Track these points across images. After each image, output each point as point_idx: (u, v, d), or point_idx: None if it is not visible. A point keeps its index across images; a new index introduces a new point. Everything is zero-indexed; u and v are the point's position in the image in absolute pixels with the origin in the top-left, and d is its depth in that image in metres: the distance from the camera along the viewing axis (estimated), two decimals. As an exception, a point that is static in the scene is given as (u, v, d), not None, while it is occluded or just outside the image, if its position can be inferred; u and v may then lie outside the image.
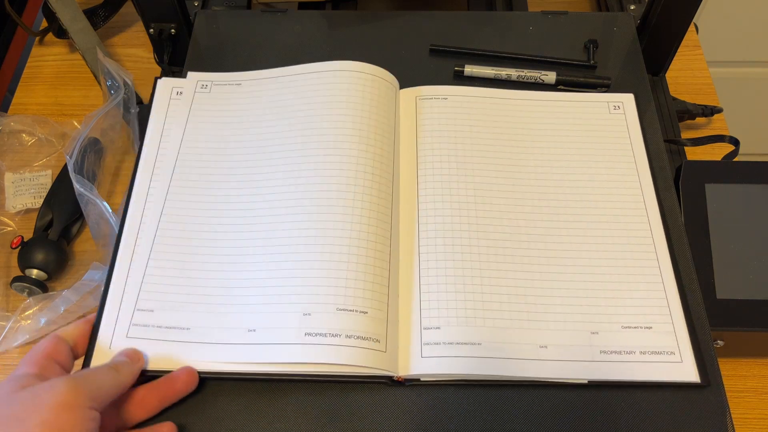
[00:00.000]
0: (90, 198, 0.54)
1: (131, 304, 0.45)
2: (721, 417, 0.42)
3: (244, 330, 0.43)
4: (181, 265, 0.47)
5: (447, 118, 0.54)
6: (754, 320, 0.49)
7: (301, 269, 0.45)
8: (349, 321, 0.43)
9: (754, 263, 0.50)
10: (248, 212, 0.49)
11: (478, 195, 0.50)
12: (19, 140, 0.67)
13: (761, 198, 0.52)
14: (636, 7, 0.69)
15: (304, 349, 0.42)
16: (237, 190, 0.50)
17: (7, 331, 0.53)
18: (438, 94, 0.56)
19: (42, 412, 0.35)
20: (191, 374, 0.42)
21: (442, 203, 0.50)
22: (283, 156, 0.51)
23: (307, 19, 0.63)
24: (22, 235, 0.59)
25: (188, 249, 0.47)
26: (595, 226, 0.49)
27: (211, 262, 0.47)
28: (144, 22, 0.64)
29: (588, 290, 0.46)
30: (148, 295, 0.45)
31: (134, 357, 0.42)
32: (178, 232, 0.48)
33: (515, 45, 0.61)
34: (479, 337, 0.44)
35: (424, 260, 0.47)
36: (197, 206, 0.49)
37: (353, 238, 0.46)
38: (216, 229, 0.48)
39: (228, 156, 0.52)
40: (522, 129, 0.54)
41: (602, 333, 0.44)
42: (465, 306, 0.45)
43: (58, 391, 0.36)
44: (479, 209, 0.49)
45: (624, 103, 0.56)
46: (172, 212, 0.49)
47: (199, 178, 0.51)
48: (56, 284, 0.58)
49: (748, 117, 1.21)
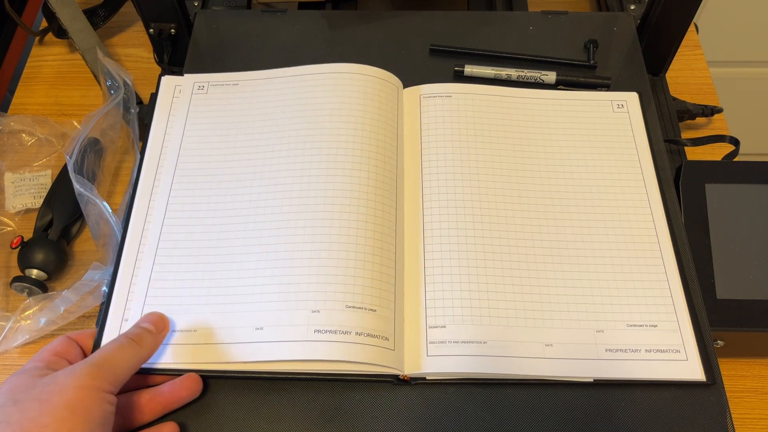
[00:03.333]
0: (90, 198, 0.54)
1: (139, 306, 0.45)
2: (721, 417, 0.42)
3: (251, 328, 0.43)
4: (186, 267, 0.47)
5: (451, 116, 0.54)
6: (754, 320, 0.49)
7: (309, 267, 0.45)
8: (359, 318, 0.43)
9: (754, 263, 0.50)
10: (253, 212, 0.49)
11: (483, 193, 0.50)
12: (19, 140, 0.67)
13: (761, 198, 0.52)
14: (636, 7, 0.69)
15: (314, 346, 0.42)
16: (242, 190, 0.50)
17: (7, 331, 0.53)
18: (441, 92, 0.56)
19: (65, 393, 0.36)
20: (196, 381, 0.42)
21: (447, 201, 0.50)
22: (287, 156, 0.51)
23: (307, 19, 0.63)
24: (22, 235, 0.59)
25: (193, 250, 0.47)
26: (599, 225, 0.49)
27: (217, 262, 0.47)
28: (144, 22, 0.64)
29: (593, 288, 0.46)
30: (154, 300, 0.45)
31: (159, 325, 0.42)
32: (183, 234, 0.48)
33: (515, 45, 0.61)
34: (485, 335, 0.44)
35: (430, 258, 0.47)
36: (201, 207, 0.49)
37: (359, 237, 0.46)
38: (221, 230, 0.48)
39: (231, 156, 0.52)
40: (526, 127, 0.54)
41: (608, 331, 0.44)
42: (471, 304, 0.45)
43: (79, 374, 0.37)
44: (484, 208, 0.49)
45: (628, 102, 0.56)
46: (176, 212, 0.49)
47: (202, 179, 0.51)
48: (56, 284, 0.58)
49: (748, 117, 1.21)
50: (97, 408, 0.36)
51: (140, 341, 0.40)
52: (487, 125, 0.54)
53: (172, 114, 0.54)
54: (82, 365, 0.37)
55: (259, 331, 0.43)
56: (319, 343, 0.42)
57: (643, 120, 0.55)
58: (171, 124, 0.54)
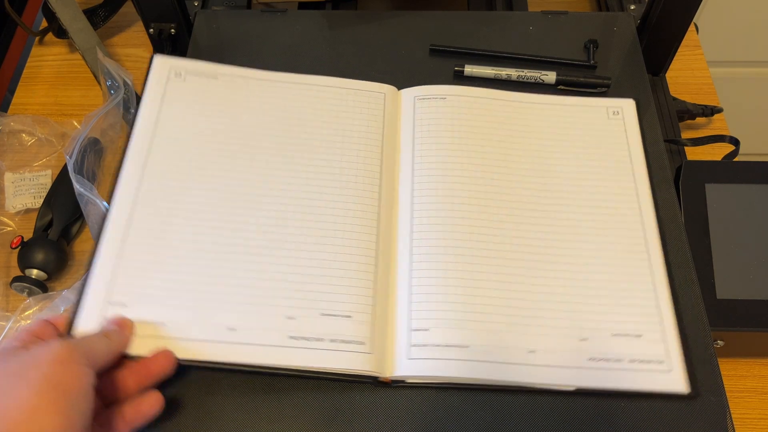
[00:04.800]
0: (90, 198, 0.54)
1: (104, 297, 0.44)
2: (722, 417, 0.42)
3: (224, 327, 0.43)
4: (157, 259, 0.46)
5: (445, 118, 0.54)
6: (754, 320, 0.49)
7: (284, 273, 0.45)
8: (333, 325, 0.43)
9: (754, 263, 0.50)
10: (231, 211, 0.48)
11: (471, 197, 0.50)
12: (19, 140, 0.67)
13: (761, 198, 0.52)
14: (636, 7, 0.69)
15: (288, 352, 0.43)
16: (221, 188, 0.49)
17: (7, 331, 0.53)
18: (436, 93, 0.55)
19: (41, 367, 0.35)
20: (168, 357, 0.42)
21: (436, 204, 0.49)
22: (265, 159, 0.51)
23: (307, 19, 0.63)
24: (22, 235, 0.59)
25: (166, 242, 0.46)
26: (588, 233, 0.49)
27: (192, 258, 0.46)
28: (144, 22, 0.64)
29: (579, 296, 0.46)
30: (124, 288, 0.44)
31: (123, 324, 0.43)
32: (157, 224, 0.47)
33: (515, 45, 0.61)
34: (468, 339, 0.44)
35: (418, 261, 0.47)
36: (177, 198, 0.49)
37: (336, 243, 0.47)
38: (196, 225, 0.47)
39: (209, 150, 0.51)
40: (519, 132, 0.54)
41: (592, 340, 0.44)
42: (454, 308, 0.45)
43: (55, 349, 0.36)
44: (473, 211, 0.49)
45: (623, 109, 0.55)
46: (149, 202, 0.48)
47: (178, 169, 0.50)
48: (56, 284, 0.58)
49: (748, 117, 1.21)
50: (75, 381, 0.36)
51: (108, 335, 0.41)
52: (481, 129, 0.54)
53: (167, 98, 0.53)
54: (57, 341, 0.37)
55: (232, 331, 0.43)
56: (293, 349, 0.43)
57: (639, 127, 0.54)
58: (154, 106, 0.53)
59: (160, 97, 0.54)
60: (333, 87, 0.56)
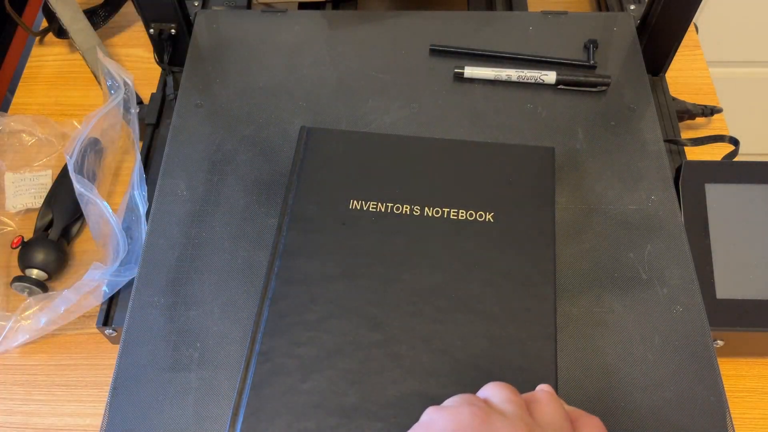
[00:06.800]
0: (90, 198, 0.54)
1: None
2: (721, 417, 0.42)
3: None
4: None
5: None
6: (754, 320, 0.49)
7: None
8: None
9: (754, 263, 0.50)
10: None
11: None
12: (19, 140, 0.67)
13: (761, 198, 0.52)
14: (636, 7, 0.69)
15: None
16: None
17: (7, 331, 0.53)
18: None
19: None
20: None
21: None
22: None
23: (307, 19, 0.63)
24: (22, 235, 0.59)
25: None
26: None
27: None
28: (144, 22, 0.64)
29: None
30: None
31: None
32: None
33: (515, 45, 0.61)
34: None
35: None
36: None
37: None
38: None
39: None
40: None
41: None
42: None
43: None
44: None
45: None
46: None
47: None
48: (56, 284, 0.59)
49: (748, 117, 1.21)
50: None
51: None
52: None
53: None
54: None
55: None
56: None
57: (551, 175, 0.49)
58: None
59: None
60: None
